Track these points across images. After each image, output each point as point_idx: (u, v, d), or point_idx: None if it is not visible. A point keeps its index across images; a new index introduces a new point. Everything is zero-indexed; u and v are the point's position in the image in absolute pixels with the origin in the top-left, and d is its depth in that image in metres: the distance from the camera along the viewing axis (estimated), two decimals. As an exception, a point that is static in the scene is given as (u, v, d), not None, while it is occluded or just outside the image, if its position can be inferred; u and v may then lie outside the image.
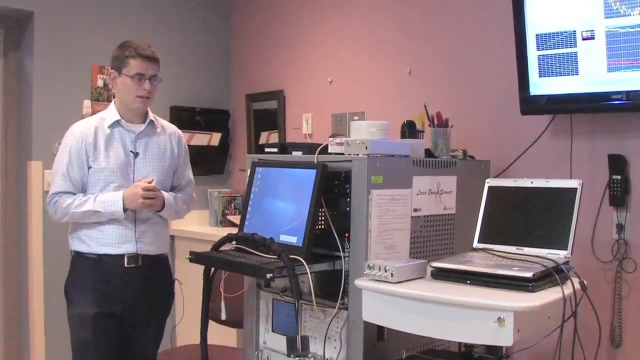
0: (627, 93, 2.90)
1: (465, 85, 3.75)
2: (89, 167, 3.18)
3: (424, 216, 2.94)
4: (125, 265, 3.21)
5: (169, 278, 3.51)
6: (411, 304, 2.41)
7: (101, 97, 4.68)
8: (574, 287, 2.41)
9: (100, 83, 4.69)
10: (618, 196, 3.09)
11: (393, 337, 2.77)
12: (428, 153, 3.11)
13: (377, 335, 2.78)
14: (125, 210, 3.14)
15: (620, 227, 3.11)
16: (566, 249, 2.54)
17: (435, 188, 2.97)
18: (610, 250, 3.13)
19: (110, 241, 3.19)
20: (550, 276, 2.39)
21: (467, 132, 3.52)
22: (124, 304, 3.23)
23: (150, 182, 3.18)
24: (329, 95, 4.57)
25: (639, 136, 3.07)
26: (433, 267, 2.57)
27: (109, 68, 3.29)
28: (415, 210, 2.89)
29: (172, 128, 3.48)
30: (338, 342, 2.80)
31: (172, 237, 4.86)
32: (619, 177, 3.08)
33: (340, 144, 2.86)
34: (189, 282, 3.38)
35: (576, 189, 2.61)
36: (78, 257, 3.26)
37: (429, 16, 3.94)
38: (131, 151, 3.25)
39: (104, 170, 3.19)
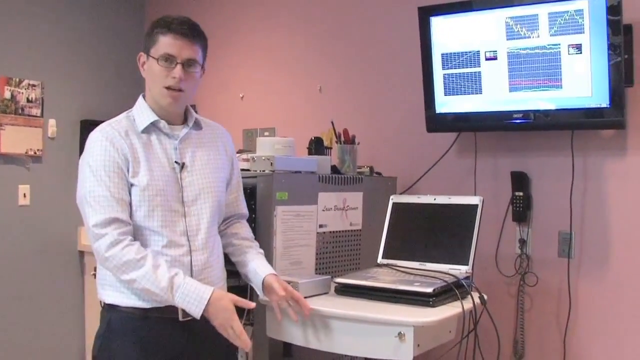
0: (528, 112, 2.98)
1: (373, 102, 3.79)
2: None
3: (330, 232, 2.96)
4: (180, 318, 2.27)
5: None
6: (314, 319, 2.42)
7: (8, 110, 4.51)
8: (474, 302, 2.46)
9: (7, 94, 4.52)
10: (520, 212, 3.18)
11: (299, 353, 2.77)
12: (334, 169, 3.14)
13: (283, 351, 2.79)
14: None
15: (522, 242, 3.19)
16: (467, 264, 2.60)
17: (341, 204, 2.99)
18: (513, 264, 3.21)
19: None
20: (451, 291, 2.44)
21: (374, 149, 3.57)
22: None
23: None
24: (240, 110, 4.56)
25: (539, 154, 3.16)
26: (337, 282, 2.59)
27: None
28: (320, 226, 2.91)
29: (219, 127, 2.55)
30: (244, 359, 2.78)
31: (82, 253, 4.78)
32: (521, 193, 3.17)
33: (246, 160, 2.87)
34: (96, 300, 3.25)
35: (477, 205, 2.67)
36: (111, 310, 2.31)
37: (339, 35, 3.98)
38: (176, 162, 2.34)
39: (147, 189, 2.25)
